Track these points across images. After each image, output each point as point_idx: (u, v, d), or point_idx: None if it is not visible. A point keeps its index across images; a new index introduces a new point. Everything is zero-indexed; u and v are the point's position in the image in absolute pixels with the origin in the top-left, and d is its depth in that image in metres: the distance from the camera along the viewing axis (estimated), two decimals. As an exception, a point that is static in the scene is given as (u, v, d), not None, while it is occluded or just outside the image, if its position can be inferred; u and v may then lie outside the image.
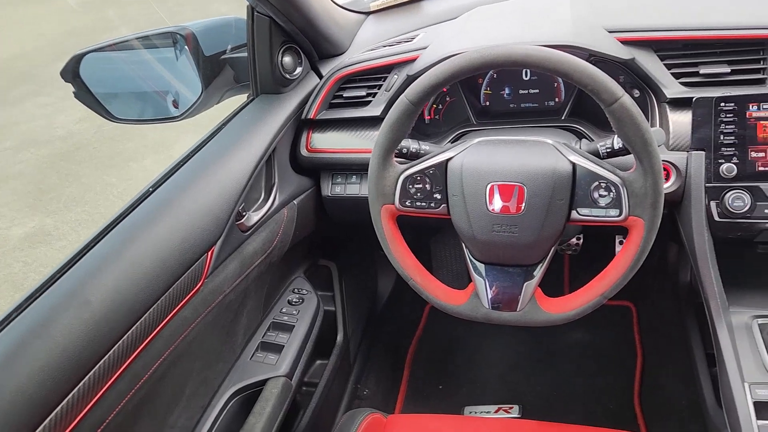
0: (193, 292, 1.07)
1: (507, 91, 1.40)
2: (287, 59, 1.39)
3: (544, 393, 1.84)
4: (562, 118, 1.32)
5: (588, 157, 1.00)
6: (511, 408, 1.77)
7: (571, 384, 1.85)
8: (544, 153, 1.01)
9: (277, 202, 1.33)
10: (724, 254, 1.17)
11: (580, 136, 1.26)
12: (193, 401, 1.21)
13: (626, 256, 0.99)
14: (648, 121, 1.23)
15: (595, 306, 1.02)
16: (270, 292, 1.48)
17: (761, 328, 1.11)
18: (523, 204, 0.99)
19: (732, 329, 1.12)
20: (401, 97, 1.01)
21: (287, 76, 1.40)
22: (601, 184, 0.97)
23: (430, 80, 0.99)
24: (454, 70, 0.97)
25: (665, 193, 1.14)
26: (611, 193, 0.97)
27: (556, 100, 1.36)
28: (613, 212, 0.97)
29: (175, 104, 1.50)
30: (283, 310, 1.47)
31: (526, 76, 1.38)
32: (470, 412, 1.78)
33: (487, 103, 1.42)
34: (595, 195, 0.98)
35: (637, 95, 1.25)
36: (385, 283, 2.09)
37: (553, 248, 1.05)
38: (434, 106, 1.43)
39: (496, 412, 1.76)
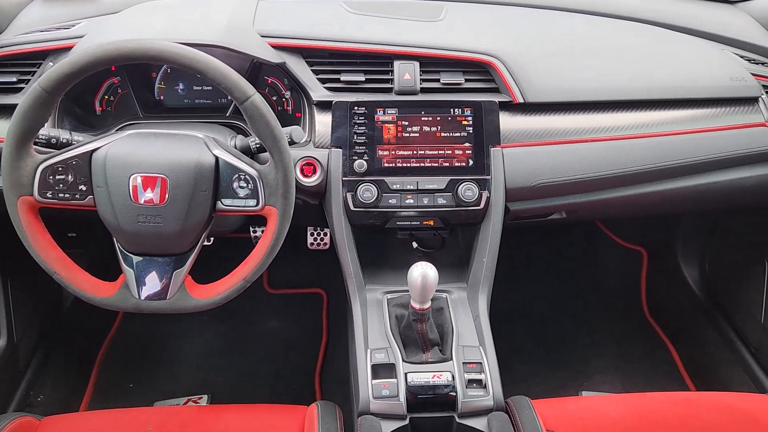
0: None
1: (181, 86, 1.43)
2: None
3: (234, 380, 1.91)
4: (227, 114, 1.39)
5: (231, 151, 1.07)
6: (200, 398, 1.80)
7: (260, 369, 1.95)
8: (190, 146, 1.06)
9: None
10: (369, 240, 1.34)
11: (241, 131, 1.33)
12: None
13: (264, 243, 1.08)
14: (302, 120, 1.36)
15: (239, 290, 1.09)
16: None
17: (389, 302, 1.30)
18: (167, 195, 1.03)
19: (366, 304, 1.30)
20: (35, 84, 0.98)
21: None
22: (241, 176, 1.06)
23: (63, 69, 0.97)
24: (88, 60, 0.97)
25: (312, 186, 1.29)
26: (249, 185, 1.06)
27: (228, 97, 1.42)
28: (252, 202, 1.06)
29: None
30: None
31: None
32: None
33: (161, 98, 1.43)
34: (236, 186, 1.06)
35: (288, 96, 1.37)
36: None
37: (203, 236, 1.10)
38: (106, 97, 1.40)
39: (185, 403, 1.78)
